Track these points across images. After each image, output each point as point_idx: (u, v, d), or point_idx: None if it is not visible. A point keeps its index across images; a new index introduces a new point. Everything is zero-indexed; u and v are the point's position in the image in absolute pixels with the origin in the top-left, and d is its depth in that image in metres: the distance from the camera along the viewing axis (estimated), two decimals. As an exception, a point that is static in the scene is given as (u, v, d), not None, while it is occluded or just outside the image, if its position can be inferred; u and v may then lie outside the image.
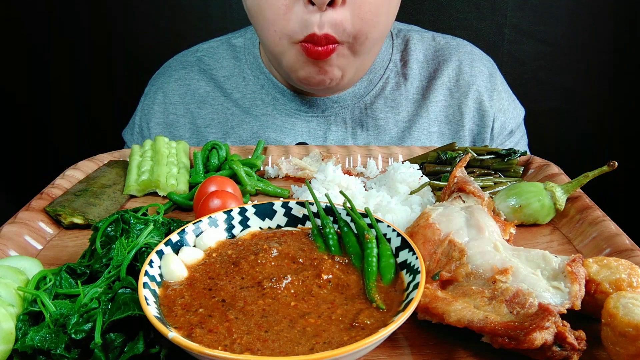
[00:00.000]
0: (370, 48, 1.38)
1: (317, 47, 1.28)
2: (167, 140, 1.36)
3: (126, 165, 1.30)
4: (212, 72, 1.61)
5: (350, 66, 1.39)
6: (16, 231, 0.99)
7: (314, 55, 1.29)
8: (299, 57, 1.33)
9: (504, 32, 2.22)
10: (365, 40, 1.32)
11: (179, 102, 1.61)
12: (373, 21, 1.29)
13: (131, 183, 1.21)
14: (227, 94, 1.59)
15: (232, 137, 1.57)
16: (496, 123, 1.59)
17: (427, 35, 1.65)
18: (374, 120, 1.56)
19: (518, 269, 0.76)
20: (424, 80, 1.60)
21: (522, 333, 0.66)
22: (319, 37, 1.26)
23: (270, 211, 0.94)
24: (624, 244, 0.93)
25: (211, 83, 1.60)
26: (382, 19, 1.32)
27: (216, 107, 1.59)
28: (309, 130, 1.55)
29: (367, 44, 1.34)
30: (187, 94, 1.61)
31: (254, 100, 1.56)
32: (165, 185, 1.20)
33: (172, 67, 1.67)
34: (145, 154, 1.31)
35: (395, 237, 0.84)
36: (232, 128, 1.57)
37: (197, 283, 0.77)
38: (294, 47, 1.31)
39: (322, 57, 1.30)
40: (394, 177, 1.15)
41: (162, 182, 1.20)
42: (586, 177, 1.05)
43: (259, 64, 1.57)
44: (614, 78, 2.26)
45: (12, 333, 0.70)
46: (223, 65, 1.61)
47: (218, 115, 1.58)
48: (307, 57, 1.30)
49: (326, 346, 0.65)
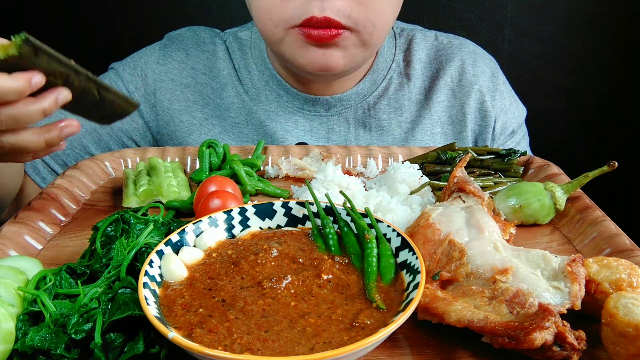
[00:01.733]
0: (378, 38, 1.33)
1: (318, 30, 1.23)
2: (161, 161, 1.32)
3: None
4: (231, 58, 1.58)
5: (358, 56, 1.34)
6: (16, 231, 0.99)
7: (313, 37, 1.24)
8: (298, 43, 1.28)
9: (504, 32, 2.22)
10: (373, 29, 1.27)
11: (203, 71, 1.56)
12: (377, 10, 1.25)
13: (130, 194, 1.16)
14: (241, 84, 1.56)
15: (234, 130, 1.55)
16: (497, 123, 1.59)
17: (430, 34, 1.64)
18: (377, 121, 1.55)
19: (518, 269, 0.76)
20: (427, 80, 1.59)
21: (522, 333, 0.66)
22: (319, 20, 1.21)
23: (270, 211, 0.94)
24: (624, 244, 0.93)
25: (233, 71, 1.57)
26: (387, 10, 1.29)
27: (236, 92, 1.55)
28: (312, 129, 1.54)
29: (376, 33, 1.29)
30: (213, 71, 1.56)
31: (257, 96, 1.55)
32: (167, 192, 1.16)
33: (201, 35, 1.61)
34: (140, 173, 1.25)
35: (395, 237, 0.84)
36: (237, 124, 1.55)
37: (197, 283, 0.77)
38: (291, 33, 1.27)
39: (324, 41, 1.24)
40: (394, 177, 1.15)
41: (165, 188, 1.16)
42: (586, 177, 1.05)
43: (264, 59, 1.54)
44: (614, 78, 2.26)
45: (12, 333, 0.70)
46: (233, 57, 1.58)
47: (237, 100, 1.55)
48: (307, 40, 1.26)
49: (326, 346, 0.65)
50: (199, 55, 1.58)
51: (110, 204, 1.20)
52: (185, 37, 1.61)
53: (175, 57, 1.57)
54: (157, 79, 1.55)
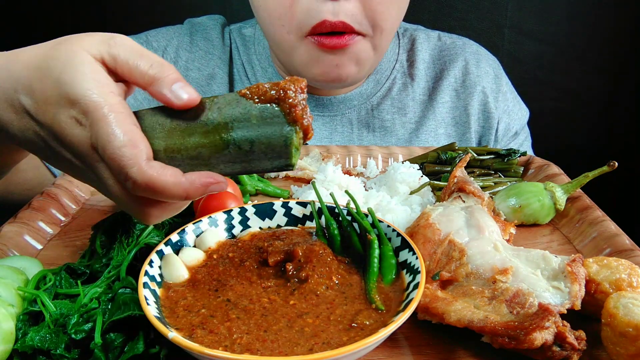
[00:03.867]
0: (387, 42, 1.32)
1: (332, 39, 1.21)
2: None
3: None
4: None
5: (370, 62, 1.33)
6: (16, 231, 0.99)
7: (328, 46, 1.22)
8: (311, 52, 1.26)
9: (504, 32, 2.22)
10: (382, 33, 1.26)
11: (225, 62, 1.54)
12: (385, 14, 1.24)
13: None
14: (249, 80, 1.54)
15: None
16: (501, 125, 1.58)
17: (433, 34, 1.63)
18: (381, 121, 1.54)
19: (518, 269, 0.76)
20: (431, 80, 1.57)
21: (522, 333, 0.66)
22: (333, 24, 1.19)
23: (270, 211, 0.94)
24: (624, 244, 0.93)
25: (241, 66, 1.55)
26: (393, 13, 1.27)
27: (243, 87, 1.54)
28: (315, 129, 1.52)
29: (385, 37, 1.29)
30: (229, 65, 1.54)
31: None
32: None
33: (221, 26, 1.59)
34: None
35: (395, 237, 0.84)
36: None
37: (198, 284, 0.77)
38: (304, 42, 1.25)
39: (338, 47, 1.23)
40: (394, 177, 1.15)
41: None
42: (586, 177, 1.05)
43: (268, 57, 1.52)
44: (614, 78, 2.26)
45: (12, 333, 0.70)
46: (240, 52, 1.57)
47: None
48: (320, 49, 1.24)
49: (325, 346, 0.64)
50: (221, 46, 1.55)
51: (110, 203, 1.19)
52: (208, 26, 1.58)
53: (201, 46, 1.54)
54: (185, 67, 1.52)
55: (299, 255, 0.79)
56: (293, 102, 0.64)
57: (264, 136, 0.65)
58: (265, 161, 0.67)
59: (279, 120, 0.65)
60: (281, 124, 0.65)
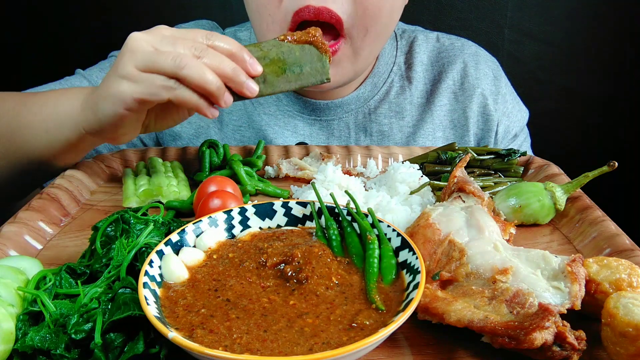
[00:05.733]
0: (369, 46, 1.30)
1: None
2: (161, 161, 1.31)
3: None
4: None
5: (348, 71, 1.32)
6: (16, 231, 0.99)
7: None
8: None
9: (504, 32, 2.22)
10: (365, 34, 1.25)
11: None
12: (375, 14, 1.22)
13: (130, 195, 1.15)
14: None
15: (233, 133, 1.54)
16: (500, 127, 1.57)
17: (432, 36, 1.61)
18: (378, 125, 1.53)
19: (518, 269, 0.76)
20: (429, 83, 1.56)
21: (522, 333, 0.66)
22: (317, 9, 1.17)
23: (270, 211, 0.94)
24: (624, 244, 0.93)
25: None
26: (384, 13, 1.25)
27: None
28: (311, 134, 1.52)
29: (368, 40, 1.27)
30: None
31: (256, 99, 1.53)
32: (167, 192, 1.16)
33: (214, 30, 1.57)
34: (140, 173, 1.25)
35: (395, 237, 0.84)
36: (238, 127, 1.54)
37: (198, 284, 0.77)
38: None
39: None
40: (394, 177, 1.15)
41: (165, 188, 1.16)
42: (586, 177, 1.05)
43: None
44: (614, 78, 2.26)
45: (12, 333, 0.70)
46: None
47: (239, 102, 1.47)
48: None
49: (325, 346, 0.65)
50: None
51: (110, 204, 1.20)
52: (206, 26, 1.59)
53: None
54: None
55: (297, 257, 0.79)
56: (321, 40, 1.08)
57: (308, 63, 1.09)
58: (311, 78, 1.10)
59: (315, 52, 1.09)
60: (317, 54, 1.09)
